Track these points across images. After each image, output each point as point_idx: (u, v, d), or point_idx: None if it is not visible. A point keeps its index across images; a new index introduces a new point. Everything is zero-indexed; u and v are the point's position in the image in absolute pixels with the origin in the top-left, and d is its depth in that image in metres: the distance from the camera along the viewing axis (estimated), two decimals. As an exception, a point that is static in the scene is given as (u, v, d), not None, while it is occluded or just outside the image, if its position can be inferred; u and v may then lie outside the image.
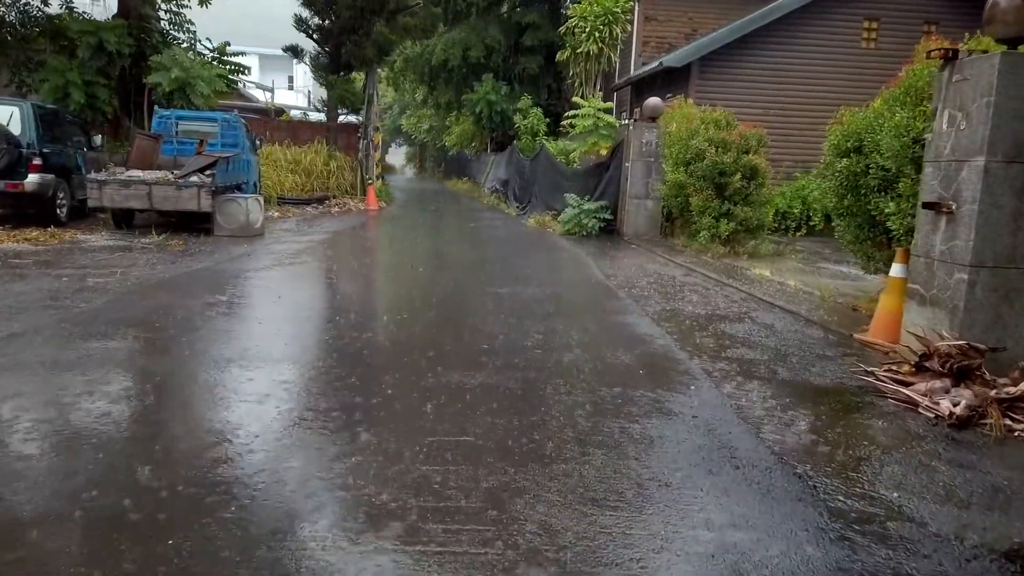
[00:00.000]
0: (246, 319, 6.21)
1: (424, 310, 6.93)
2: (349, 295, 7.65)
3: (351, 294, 7.72)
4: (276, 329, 5.83)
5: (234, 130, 14.19)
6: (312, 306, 6.81)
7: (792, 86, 16.41)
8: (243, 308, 6.58)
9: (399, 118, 45.57)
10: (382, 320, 6.32)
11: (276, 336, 5.58)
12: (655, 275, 9.42)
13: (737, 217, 11.43)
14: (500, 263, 10.62)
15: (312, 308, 6.73)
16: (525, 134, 21.32)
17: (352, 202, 18.52)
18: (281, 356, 4.94)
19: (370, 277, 9.20)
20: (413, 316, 6.60)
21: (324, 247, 11.19)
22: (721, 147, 11.57)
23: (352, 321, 6.27)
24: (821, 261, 11.54)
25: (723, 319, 6.72)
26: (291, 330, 5.81)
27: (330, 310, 6.78)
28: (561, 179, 15.96)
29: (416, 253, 11.76)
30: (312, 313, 6.56)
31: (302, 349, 5.26)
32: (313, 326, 6.02)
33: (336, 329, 5.97)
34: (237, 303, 6.75)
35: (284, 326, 5.93)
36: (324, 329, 5.96)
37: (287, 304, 6.87)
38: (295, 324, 5.99)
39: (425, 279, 8.95)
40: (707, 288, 8.51)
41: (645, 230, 13.74)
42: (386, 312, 6.81)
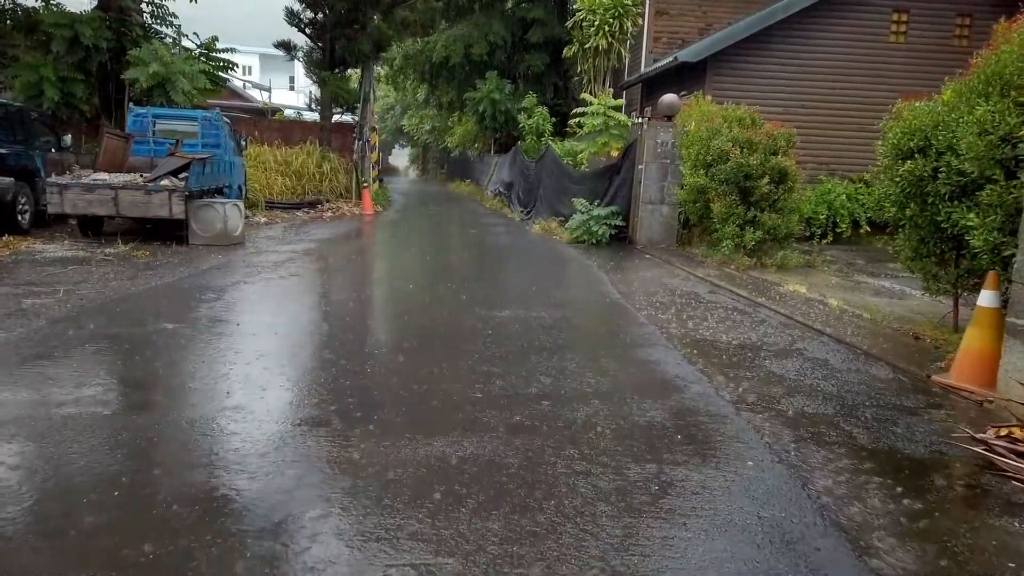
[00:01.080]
0: (188, 357, 5.14)
1: (407, 342, 5.85)
2: (319, 323, 6.52)
3: (322, 321, 6.59)
4: (219, 372, 4.75)
5: (215, 129, 13.16)
6: (268, 339, 5.74)
7: (815, 83, 15.30)
8: (190, 342, 5.51)
9: (401, 119, 44.50)
10: (352, 360, 5.23)
11: (213, 383, 4.51)
12: (676, 292, 8.33)
13: (764, 225, 10.33)
14: (501, 277, 9.55)
15: (268, 342, 5.65)
16: (529, 134, 20.24)
17: (346, 206, 17.45)
18: (208, 416, 3.87)
19: (351, 297, 8.09)
20: (393, 352, 5.52)
21: (307, 258, 10.12)
22: (747, 147, 10.48)
23: (316, 361, 5.19)
24: (857, 274, 10.43)
25: (766, 352, 5.63)
26: (236, 375, 4.73)
27: (289, 344, 5.66)
28: (568, 182, 14.88)
29: (408, 266, 10.68)
30: (266, 348, 5.48)
31: (232, 406, 4.18)
32: (260, 368, 4.95)
33: (291, 376, 4.89)
34: (184, 335, 5.68)
35: (228, 368, 4.86)
36: (273, 374, 4.89)
37: (242, 335, 5.80)
38: (240, 366, 4.91)
39: (414, 299, 7.88)
40: (738, 309, 7.42)
41: (660, 238, 12.65)
42: (361, 347, 5.72)
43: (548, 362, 5.08)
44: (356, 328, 6.28)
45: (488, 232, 15.12)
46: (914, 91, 15.66)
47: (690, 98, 13.41)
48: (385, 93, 45.42)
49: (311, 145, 17.97)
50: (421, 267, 10.44)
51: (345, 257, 10.92)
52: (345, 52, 17.38)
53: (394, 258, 11.33)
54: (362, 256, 11.13)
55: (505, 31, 23.31)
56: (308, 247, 11.21)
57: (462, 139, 29.48)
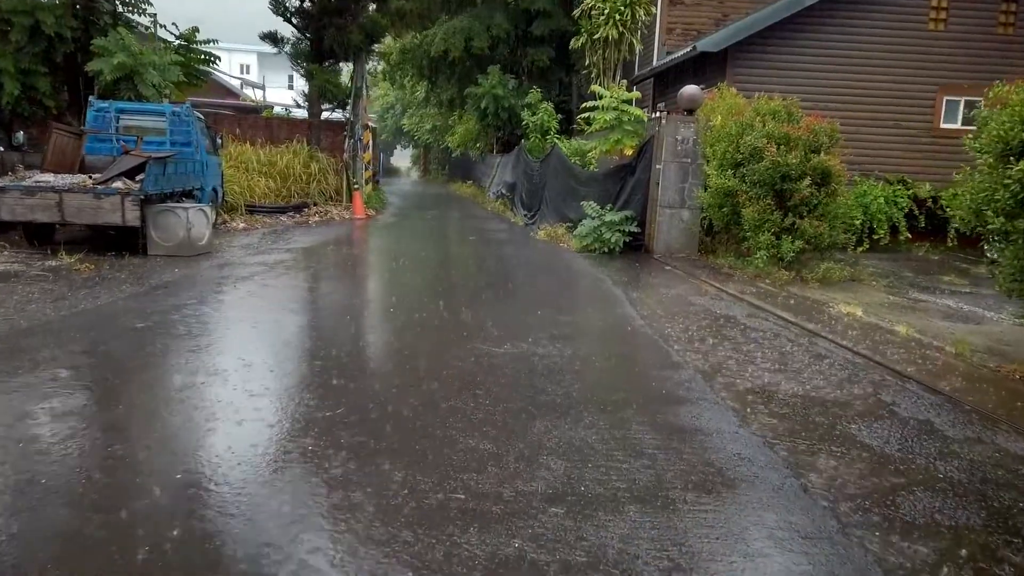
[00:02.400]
0: (92, 414, 3.81)
1: (372, 397, 4.51)
2: (269, 366, 5.01)
3: (273, 363, 5.13)
4: (122, 439, 3.43)
5: (185, 125, 11.85)
6: (198, 388, 4.42)
7: (846, 75, 13.90)
8: (93, 395, 4.19)
9: (401, 118, 43.16)
10: (294, 437, 3.91)
11: (103, 464, 3.19)
12: (708, 315, 6.98)
13: (805, 233, 8.97)
14: (501, 298, 8.21)
15: (195, 394, 4.33)
16: (534, 132, 18.88)
17: (336, 210, 16.13)
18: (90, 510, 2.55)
19: (310, 331, 6.58)
20: (349, 415, 4.18)
21: (275, 273, 8.79)
22: (784, 144, 9.13)
23: (254, 430, 3.86)
24: (911, 289, 9.06)
25: (845, 410, 4.28)
26: (145, 446, 3.40)
27: (220, 403, 4.32)
28: (576, 184, 13.52)
29: (392, 284, 9.33)
30: (191, 401, 4.16)
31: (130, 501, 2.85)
32: (168, 435, 3.62)
33: (218, 445, 3.56)
34: (89, 384, 4.36)
35: (133, 433, 3.53)
36: (188, 446, 3.56)
37: (163, 385, 4.47)
38: (150, 429, 3.59)
39: (392, 333, 6.53)
40: (788, 340, 6.07)
41: (680, 246, 11.29)
42: (307, 413, 4.39)
43: (559, 431, 3.74)
44: (314, 377, 4.93)
45: (487, 240, 13.79)
46: (954, 83, 14.44)
47: (713, 90, 12.06)
48: (385, 92, 44.15)
49: (298, 144, 16.64)
50: (407, 286, 9.07)
51: (320, 272, 9.40)
52: (334, 43, 16.05)
53: (377, 274, 9.88)
54: (341, 271, 9.65)
55: (508, 23, 21.96)
56: (282, 258, 9.88)
57: (463, 138, 28.12)
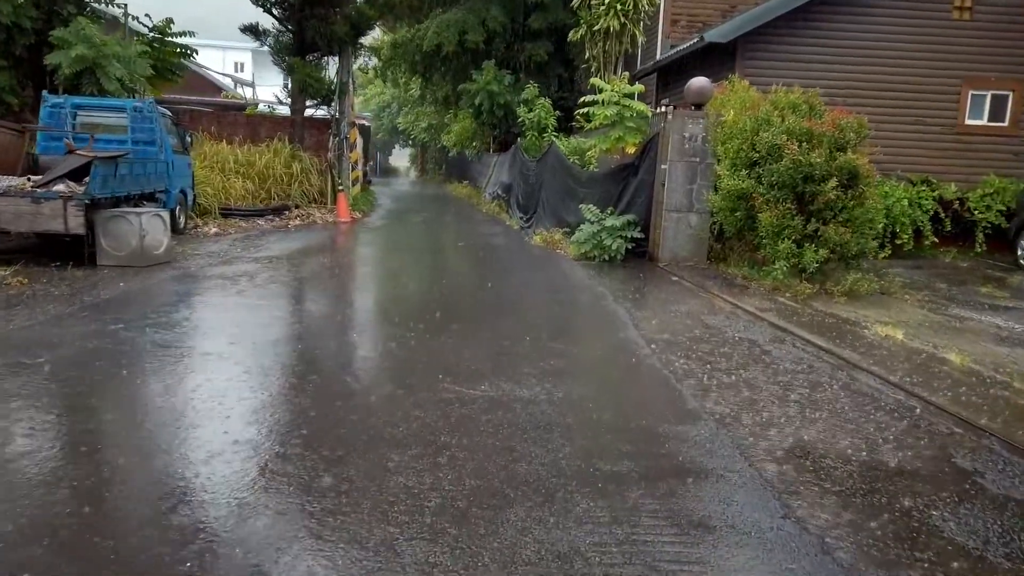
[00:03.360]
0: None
1: (305, 471, 3.53)
2: (186, 424, 4.09)
3: (194, 419, 4.17)
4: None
5: (148, 122, 10.89)
6: (79, 460, 3.45)
7: (864, 68, 12.90)
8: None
9: (397, 116, 42.13)
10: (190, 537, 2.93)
11: None
12: (726, 341, 5.99)
13: (830, 241, 7.96)
14: (483, 319, 7.19)
15: (70, 467, 3.35)
16: (530, 130, 17.88)
17: (318, 213, 15.15)
18: None
19: (257, 364, 5.14)
20: (289, 483, 3.20)
21: (235, 289, 7.80)
22: (806, 141, 8.13)
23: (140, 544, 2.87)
24: (948, 303, 8.06)
25: (916, 485, 3.29)
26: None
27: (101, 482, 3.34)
28: (575, 185, 12.53)
29: (363, 300, 8.30)
30: (62, 481, 3.18)
31: None
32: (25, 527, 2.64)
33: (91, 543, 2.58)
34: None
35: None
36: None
37: (42, 455, 3.50)
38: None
39: (350, 365, 5.53)
40: (825, 375, 5.08)
41: (688, 254, 10.31)
42: (225, 494, 3.41)
43: (540, 529, 2.75)
44: (248, 437, 3.94)
45: (479, 245, 12.79)
46: (980, 76, 13.40)
47: (723, 84, 11.06)
48: (381, 90, 43.17)
49: (279, 143, 15.66)
50: (379, 306, 8.02)
51: (282, 290, 8.15)
52: (317, 35, 15.07)
53: (348, 291, 8.70)
54: (306, 287, 8.37)
55: (504, 16, 20.95)
56: (246, 270, 8.89)
57: (459, 137, 27.11)
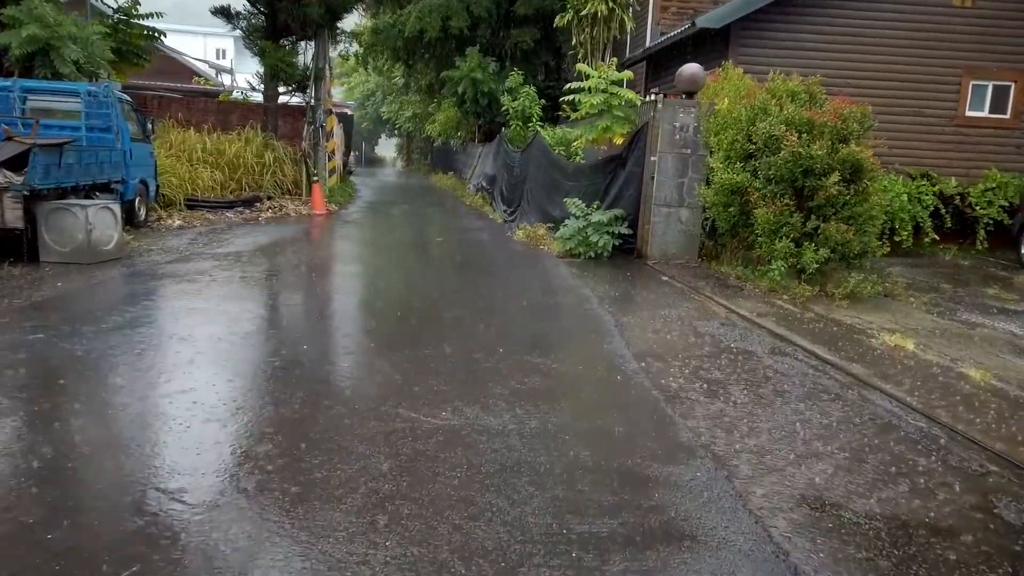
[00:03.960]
0: None
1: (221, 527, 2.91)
2: (81, 463, 3.53)
3: (93, 455, 3.62)
4: None
5: (104, 108, 10.15)
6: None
7: (861, 57, 12.33)
8: None
9: (382, 105, 41.25)
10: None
11: None
12: (721, 351, 5.42)
13: (831, 240, 7.40)
14: (454, 326, 6.56)
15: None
16: (514, 119, 17.22)
17: (292, 205, 14.45)
18: None
19: (191, 385, 4.65)
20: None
21: (188, 288, 7.15)
22: (806, 132, 7.56)
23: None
24: (957, 307, 7.53)
25: (953, 545, 2.73)
26: None
27: None
28: (560, 177, 11.93)
29: (325, 303, 7.62)
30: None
31: None
32: None
33: None
34: None
35: None
36: None
37: None
38: None
39: (296, 386, 4.91)
40: (834, 395, 4.51)
41: (678, 251, 9.74)
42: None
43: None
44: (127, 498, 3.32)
45: (458, 241, 12.17)
46: (982, 66, 12.84)
47: (716, 71, 10.47)
48: (366, 78, 42.28)
49: (251, 131, 14.92)
50: (343, 308, 7.34)
51: (236, 290, 7.23)
52: (290, 18, 14.33)
53: (312, 289, 7.85)
54: (262, 288, 7.41)
55: (489, 1, 20.23)
56: (203, 268, 8.22)
57: (443, 127, 26.38)
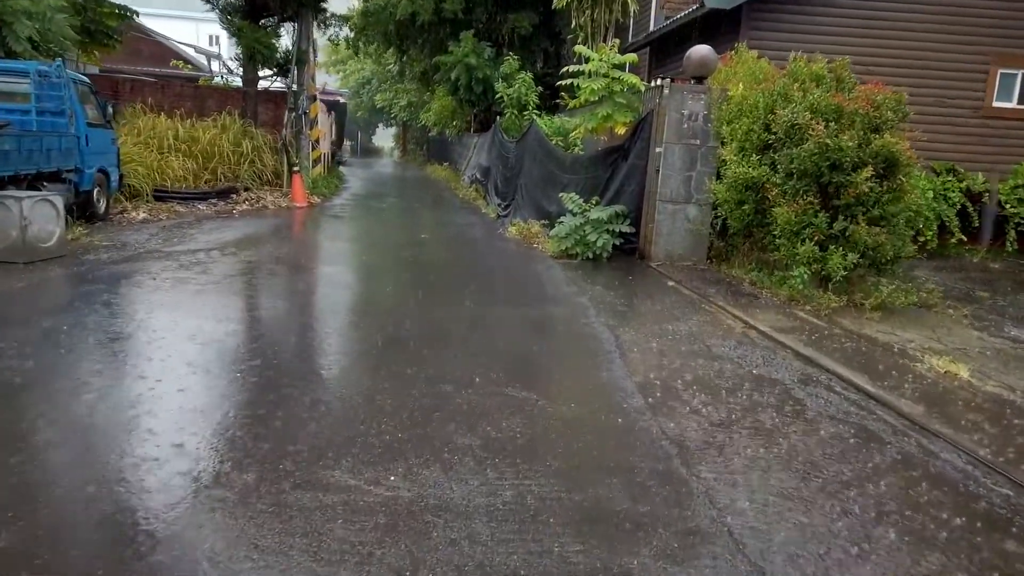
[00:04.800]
0: None
1: None
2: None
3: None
4: None
5: (56, 90, 9.23)
6: None
7: (880, 41, 11.40)
8: None
9: (377, 93, 40.19)
10: None
11: None
12: (742, 381, 4.54)
13: (860, 243, 6.52)
14: (429, 346, 5.66)
15: None
16: (509, 108, 16.29)
17: (271, 196, 13.54)
18: None
19: (86, 429, 4.06)
20: None
21: (127, 293, 6.27)
22: (834, 121, 6.65)
23: None
24: (1003, 320, 6.64)
25: None
26: None
27: None
28: (556, 170, 11.02)
29: (282, 317, 6.71)
30: None
31: None
32: None
33: None
34: None
35: None
36: None
37: None
38: None
39: (216, 424, 4.05)
40: (882, 443, 3.64)
41: (684, 252, 8.86)
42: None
43: None
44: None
45: (444, 239, 11.27)
46: (1011, 53, 11.82)
47: (729, 54, 9.55)
48: (361, 66, 41.19)
49: (227, 117, 13.99)
50: (299, 323, 6.37)
51: (190, 294, 6.19)
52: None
53: (270, 297, 6.81)
54: (219, 292, 6.31)
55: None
56: (154, 268, 7.32)
57: (438, 116, 25.40)
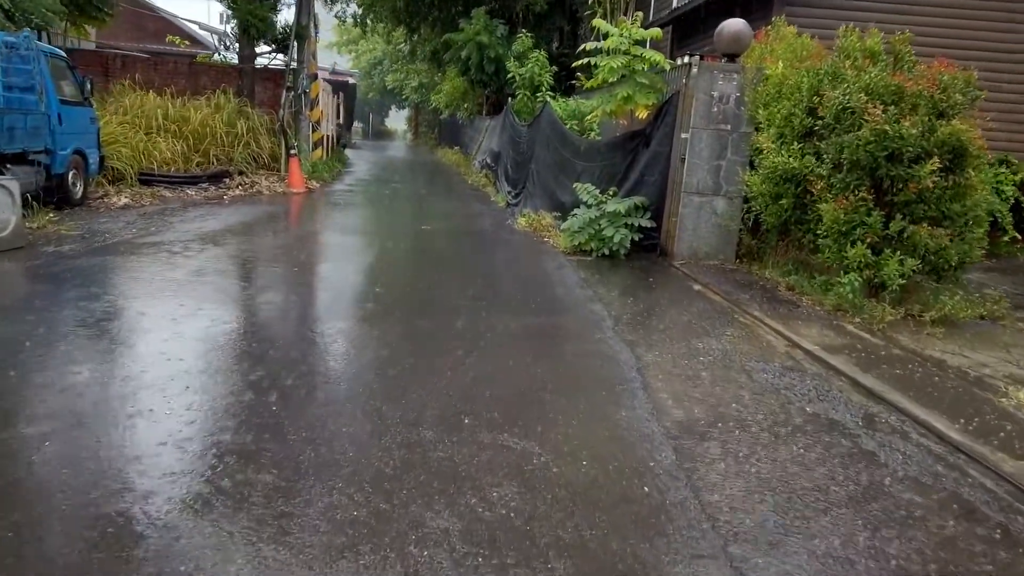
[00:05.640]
0: None
1: None
2: None
3: None
4: None
5: (25, 63, 8.46)
6: None
7: (928, 18, 10.38)
8: None
9: (387, 74, 39.23)
10: None
11: None
12: (793, 424, 3.69)
13: (921, 246, 5.63)
14: (412, 374, 4.81)
15: None
16: (522, 89, 15.36)
17: (267, 181, 12.76)
18: None
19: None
20: None
21: (75, 295, 5.50)
22: (895, 104, 5.74)
23: None
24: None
25: None
26: None
27: None
28: (571, 157, 10.14)
29: (245, 329, 5.73)
30: None
31: None
32: None
33: None
34: None
35: None
36: None
37: None
38: None
39: (135, 483, 3.25)
40: (989, 525, 2.80)
41: (711, 250, 7.99)
42: None
43: None
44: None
45: (448, 230, 10.43)
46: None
47: (763, 30, 8.60)
48: (372, 46, 40.28)
49: (221, 96, 13.18)
50: (260, 341, 5.45)
51: (146, 297, 5.53)
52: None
53: (239, 302, 5.82)
54: (181, 294, 5.56)
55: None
56: (115, 263, 6.55)
57: (449, 97, 24.50)
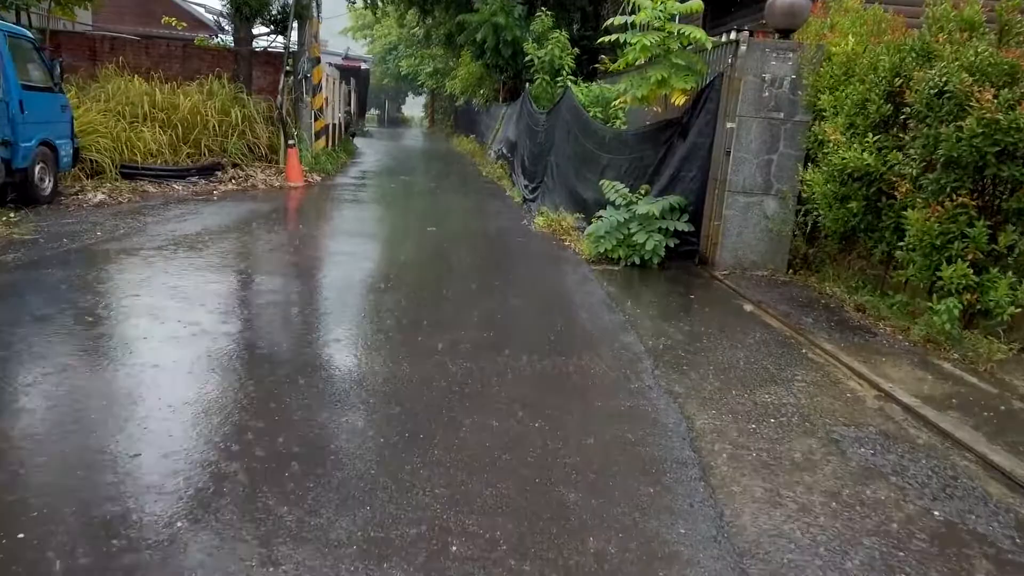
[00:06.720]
0: None
1: None
2: None
3: None
4: None
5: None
6: None
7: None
8: None
9: (402, 59, 38.10)
10: None
11: None
12: (918, 539, 2.62)
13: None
14: (399, 435, 3.71)
15: None
16: (540, 72, 14.22)
17: (263, 174, 11.79)
18: None
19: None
20: None
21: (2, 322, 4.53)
22: (1006, 87, 4.58)
23: None
24: None
25: None
26: None
27: None
28: (595, 149, 9.02)
29: (196, 365, 4.65)
30: None
31: None
32: None
33: None
34: None
35: None
36: None
37: None
38: None
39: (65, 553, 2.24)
40: None
41: (759, 258, 6.88)
42: None
43: None
44: None
45: (457, 232, 9.37)
46: None
47: (818, 3, 7.41)
48: (387, 31, 39.19)
49: (213, 82, 12.20)
50: (214, 384, 4.45)
51: (99, 311, 4.88)
52: (262, -61, 11.52)
53: (195, 330, 4.50)
54: (135, 316, 4.72)
55: (518, -68, 17.09)
56: (56, 278, 5.59)
57: (464, 83, 23.39)
